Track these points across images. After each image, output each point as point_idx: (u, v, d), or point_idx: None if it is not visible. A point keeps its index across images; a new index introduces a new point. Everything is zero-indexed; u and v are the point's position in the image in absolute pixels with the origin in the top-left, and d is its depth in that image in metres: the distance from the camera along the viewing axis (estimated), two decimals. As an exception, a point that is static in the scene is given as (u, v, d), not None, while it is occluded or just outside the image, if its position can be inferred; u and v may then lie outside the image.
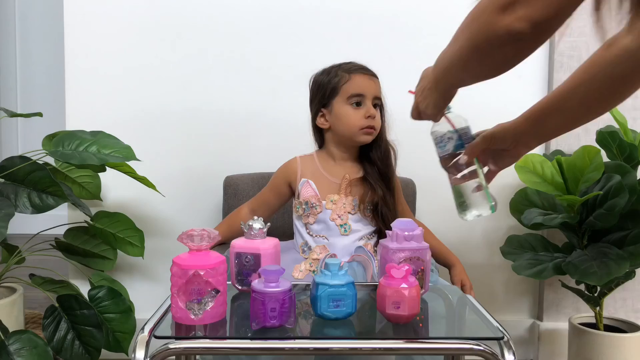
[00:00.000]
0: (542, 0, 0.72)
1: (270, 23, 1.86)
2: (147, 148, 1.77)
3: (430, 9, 1.86)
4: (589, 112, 1.04)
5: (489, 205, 1.06)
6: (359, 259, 1.38)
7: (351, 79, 1.39)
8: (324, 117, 1.44)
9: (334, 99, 1.41)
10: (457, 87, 0.98)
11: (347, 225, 1.41)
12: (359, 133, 1.40)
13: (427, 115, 1.03)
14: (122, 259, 1.84)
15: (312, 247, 1.42)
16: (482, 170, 1.07)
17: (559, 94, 1.04)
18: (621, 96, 1.00)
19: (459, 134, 1.06)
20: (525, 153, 1.07)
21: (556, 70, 1.86)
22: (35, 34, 3.42)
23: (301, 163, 1.46)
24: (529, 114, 1.07)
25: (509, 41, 0.77)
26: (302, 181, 1.44)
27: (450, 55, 0.91)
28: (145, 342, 0.94)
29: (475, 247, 1.93)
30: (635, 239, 1.54)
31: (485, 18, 0.78)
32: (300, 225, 1.45)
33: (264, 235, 1.14)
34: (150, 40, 1.86)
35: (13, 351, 1.35)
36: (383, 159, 1.43)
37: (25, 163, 1.49)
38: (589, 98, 1.01)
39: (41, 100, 3.37)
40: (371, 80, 1.41)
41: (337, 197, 1.42)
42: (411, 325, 1.01)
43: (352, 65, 1.43)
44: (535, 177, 1.65)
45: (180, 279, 0.98)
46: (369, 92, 1.39)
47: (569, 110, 1.04)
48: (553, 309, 1.91)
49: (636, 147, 1.60)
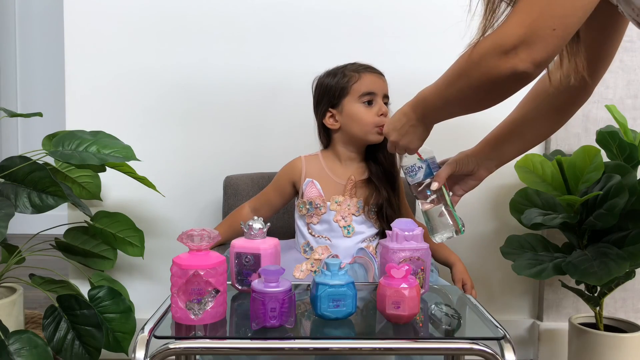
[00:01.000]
0: (542, 44, 0.80)
1: (270, 23, 1.86)
2: (147, 148, 1.77)
3: (431, 9, 1.86)
4: (542, 137, 1.17)
5: (457, 227, 1.14)
6: (361, 261, 1.38)
7: (361, 77, 1.40)
8: (334, 117, 1.43)
9: (345, 99, 1.41)
10: (445, 120, 1.06)
11: (351, 227, 1.41)
12: (372, 132, 1.40)
13: (410, 149, 1.11)
14: (122, 259, 1.84)
15: (314, 247, 1.42)
16: (448, 195, 1.16)
17: (514, 121, 1.15)
18: (565, 119, 1.13)
19: (428, 162, 1.15)
20: (486, 176, 1.18)
21: (556, 70, 1.85)
22: (35, 34, 3.42)
23: (306, 163, 1.46)
24: (488, 140, 1.17)
25: (513, 81, 0.85)
26: (306, 181, 1.44)
27: (446, 96, 0.97)
28: (145, 342, 0.94)
29: (475, 247, 1.93)
30: (635, 239, 1.54)
31: (488, 63, 0.85)
32: (302, 224, 1.45)
33: (264, 235, 1.14)
34: (150, 40, 1.86)
35: (13, 351, 1.35)
36: (389, 158, 1.43)
37: (25, 163, 1.49)
38: (539, 126, 1.14)
39: (41, 100, 3.37)
40: (380, 79, 1.41)
41: (341, 198, 1.42)
42: (411, 325, 1.01)
43: (359, 65, 1.43)
44: (535, 177, 1.65)
45: (180, 279, 0.98)
46: (379, 90, 1.39)
47: (525, 136, 1.15)
48: (553, 309, 1.91)
49: (636, 147, 1.60)
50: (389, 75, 1.49)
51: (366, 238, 1.42)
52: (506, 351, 0.94)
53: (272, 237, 1.16)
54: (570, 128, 1.87)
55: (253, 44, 1.86)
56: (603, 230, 1.61)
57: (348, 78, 1.40)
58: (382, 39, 1.86)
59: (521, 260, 1.63)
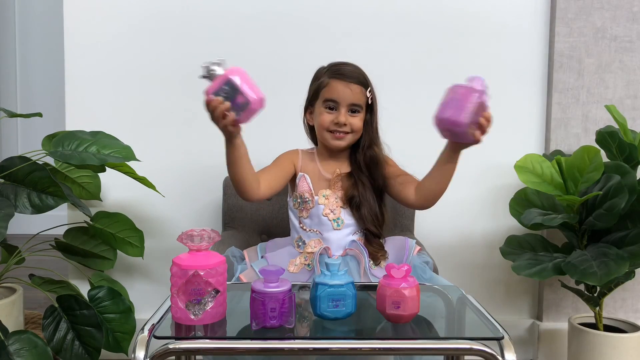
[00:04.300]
0: None
1: (270, 23, 1.86)
2: (147, 148, 1.77)
3: (432, 8, 1.86)
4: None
5: None
6: (352, 253, 1.40)
7: (329, 84, 1.41)
8: (311, 114, 1.47)
9: (316, 101, 1.44)
10: None
11: (340, 219, 1.43)
12: (328, 136, 1.42)
13: None
14: (122, 259, 1.84)
15: (307, 241, 1.43)
16: None
17: None
18: None
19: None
20: None
21: (556, 71, 1.86)
22: (35, 34, 3.42)
23: (302, 156, 1.49)
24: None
25: None
26: (299, 175, 1.46)
27: None
28: (145, 342, 0.94)
29: (475, 247, 1.93)
30: (635, 239, 1.54)
31: None
32: (295, 219, 1.47)
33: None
34: (150, 40, 1.86)
35: (13, 351, 1.35)
36: (369, 166, 1.43)
37: (25, 163, 1.49)
38: None
39: (41, 100, 3.38)
40: (347, 88, 1.40)
41: (329, 192, 1.44)
42: (411, 325, 1.01)
43: (337, 68, 1.43)
44: (535, 177, 1.65)
45: (180, 279, 0.98)
46: (343, 99, 1.40)
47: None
48: (553, 309, 1.91)
49: (636, 147, 1.60)
50: (388, 74, 1.49)
51: (357, 230, 1.44)
52: (506, 351, 0.94)
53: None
54: (570, 128, 1.87)
55: (253, 43, 1.86)
56: (603, 230, 1.61)
57: (319, 82, 1.43)
58: (384, 40, 1.87)
59: (521, 260, 1.63)
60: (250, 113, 1.15)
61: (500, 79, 1.86)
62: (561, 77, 1.86)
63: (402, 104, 1.84)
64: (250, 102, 1.13)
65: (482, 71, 1.25)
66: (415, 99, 1.84)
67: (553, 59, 1.86)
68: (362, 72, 1.43)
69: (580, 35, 1.85)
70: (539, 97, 1.90)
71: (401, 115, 1.82)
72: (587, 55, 1.86)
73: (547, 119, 1.90)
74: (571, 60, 1.85)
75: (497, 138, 1.83)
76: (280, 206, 1.75)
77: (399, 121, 1.76)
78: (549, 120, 1.88)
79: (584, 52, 1.85)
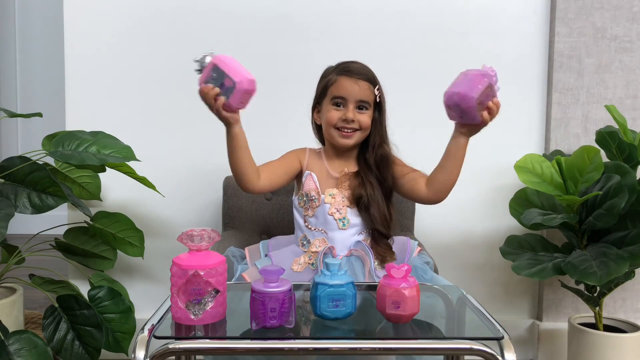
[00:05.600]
0: None
1: (271, 23, 1.86)
2: (147, 148, 1.77)
3: (432, 9, 1.86)
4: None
5: None
6: (357, 254, 1.39)
7: (337, 81, 1.41)
8: (319, 113, 1.47)
9: (324, 99, 1.44)
10: None
11: (346, 219, 1.42)
12: (335, 133, 1.41)
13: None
14: (122, 259, 1.84)
15: (311, 240, 1.43)
16: None
17: None
18: None
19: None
20: None
21: (556, 71, 1.86)
22: (35, 34, 3.42)
23: (309, 155, 1.48)
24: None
25: None
26: (306, 173, 1.45)
27: None
28: (145, 342, 0.94)
29: (475, 247, 1.93)
30: (634, 239, 1.54)
31: None
32: (299, 218, 1.46)
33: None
34: (150, 40, 1.86)
35: (13, 351, 1.35)
36: (379, 164, 1.43)
37: (25, 163, 1.49)
38: None
39: (41, 100, 3.38)
40: (355, 84, 1.40)
41: (336, 191, 1.43)
42: (411, 325, 1.01)
43: (345, 65, 1.43)
44: (534, 177, 1.65)
45: (180, 279, 0.98)
46: (351, 95, 1.40)
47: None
48: (552, 309, 1.91)
49: (636, 148, 1.60)
50: (387, 74, 1.49)
51: (362, 230, 1.43)
52: (506, 351, 0.94)
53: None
54: (569, 128, 1.87)
55: (253, 43, 1.86)
56: (603, 230, 1.62)
57: (327, 80, 1.43)
58: (382, 39, 1.87)
59: (521, 260, 1.63)
60: (240, 94, 1.17)
61: (500, 79, 1.86)
62: (561, 77, 1.86)
63: (402, 104, 1.84)
64: (236, 82, 1.16)
65: (482, 71, 1.24)
66: (415, 99, 1.84)
67: (553, 59, 1.86)
68: (370, 70, 1.43)
69: (580, 35, 1.85)
70: (538, 97, 1.90)
71: (401, 115, 1.81)
72: (587, 55, 1.86)
73: (547, 119, 1.90)
74: (571, 60, 1.85)
75: (497, 138, 1.85)
76: (280, 206, 1.75)
77: (398, 121, 1.76)
78: (548, 120, 1.89)
79: (584, 52, 1.85)
